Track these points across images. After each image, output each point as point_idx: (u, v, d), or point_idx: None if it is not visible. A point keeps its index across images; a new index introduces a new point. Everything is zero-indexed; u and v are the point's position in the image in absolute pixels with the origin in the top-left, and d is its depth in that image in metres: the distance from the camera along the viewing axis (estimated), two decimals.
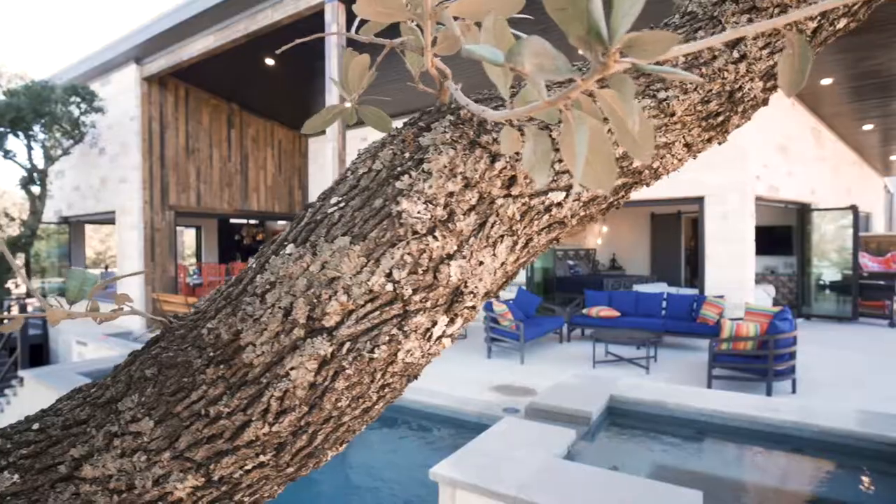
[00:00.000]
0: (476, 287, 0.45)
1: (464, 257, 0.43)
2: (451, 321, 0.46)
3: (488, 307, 7.22)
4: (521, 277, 9.26)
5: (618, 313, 7.81)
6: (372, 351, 0.42)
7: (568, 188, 0.49)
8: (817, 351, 7.07)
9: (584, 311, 8.02)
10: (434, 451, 4.11)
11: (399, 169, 0.44)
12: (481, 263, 0.45)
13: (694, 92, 0.51)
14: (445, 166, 0.43)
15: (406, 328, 0.43)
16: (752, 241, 7.79)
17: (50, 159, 10.26)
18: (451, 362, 6.93)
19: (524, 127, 0.35)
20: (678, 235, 12.90)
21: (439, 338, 0.47)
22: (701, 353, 6.79)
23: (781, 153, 8.82)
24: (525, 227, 0.48)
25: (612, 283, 10.29)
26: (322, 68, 7.09)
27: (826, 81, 8.72)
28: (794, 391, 5.42)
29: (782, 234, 10.65)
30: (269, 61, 9.10)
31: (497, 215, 0.45)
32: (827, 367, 6.25)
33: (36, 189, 10.23)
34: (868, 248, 11.02)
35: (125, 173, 10.06)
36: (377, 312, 0.42)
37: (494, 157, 0.45)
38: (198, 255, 15.66)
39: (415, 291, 0.42)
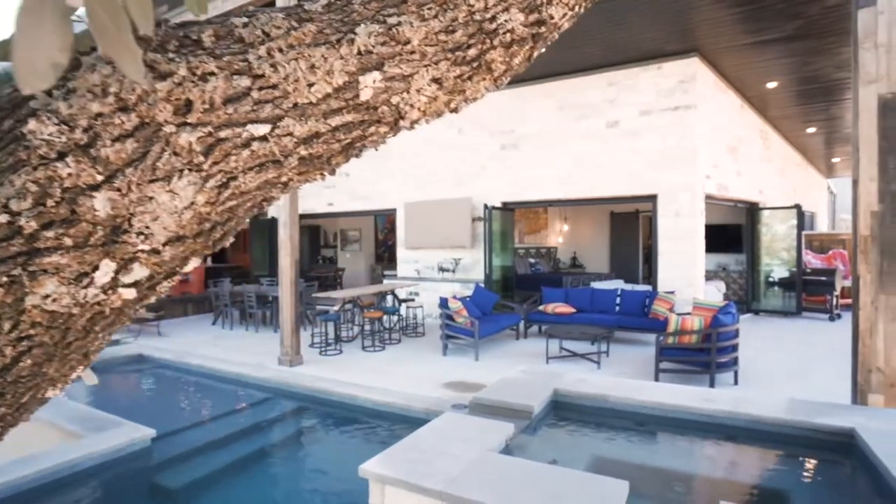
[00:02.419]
0: (149, 228, 0.39)
1: (117, 190, 0.38)
2: (125, 267, 0.40)
3: (443, 304, 7.19)
4: (480, 275, 9.28)
5: (573, 310, 7.90)
6: None
7: (275, 120, 0.44)
8: (762, 345, 7.32)
9: (541, 307, 8.09)
10: (379, 449, 4.05)
11: None
12: (151, 199, 0.39)
13: (434, 20, 0.47)
14: (96, 85, 0.37)
15: (34, 268, 0.37)
16: (702, 238, 8.01)
17: None
18: (405, 360, 6.87)
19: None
20: (636, 234, 13.20)
21: (112, 287, 0.41)
22: (652, 347, 6.92)
23: (731, 153, 9.11)
24: (218, 163, 0.42)
25: (571, 280, 10.43)
26: None
27: (772, 85, 9.05)
28: (735, 383, 5.58)
29: (734, 232, 11.02)
30: None
31: (167, 144, 0.39)
32: (770, 360, 6.48)
33: None
34: (812, 245, 11.50)
35: None
36: None
37: (163, 77, 0.39)
38: None
39: (45, 226, 0.36)
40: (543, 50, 0.60)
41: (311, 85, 0.44)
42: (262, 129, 0.43)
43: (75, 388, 6.25)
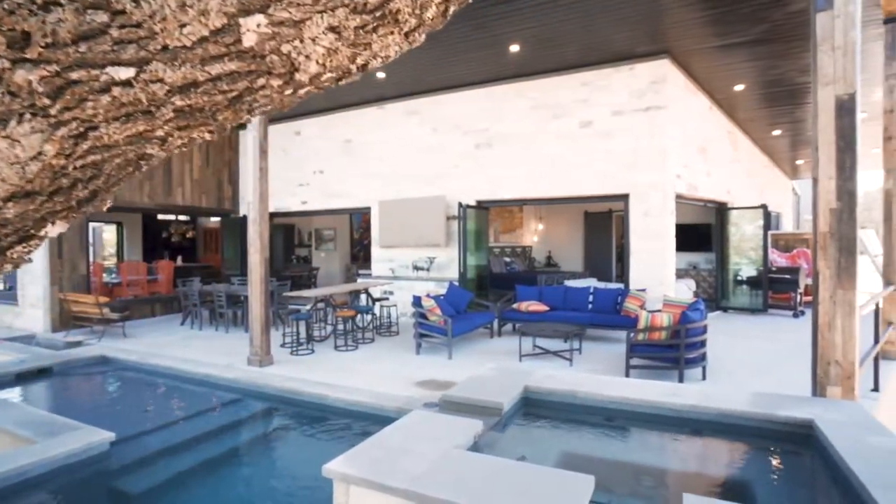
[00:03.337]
0: None
1: None
2: None
3: (416, 302, 7.14)
4: (454, 274, 9.25)
5: (547, 308, 7.94)
6: None
7: (141, 63, 0.39)
8: (729, 341, 7.49)
9: (515, 306, 8.11)
10: (348, 449, 3.99)
11: None
12: None
13: None
14: None
15: None
16: (672, 237, 8.14)
17: None
18: (378, 359, 6.79)
19: None
20: (609, 233, 13.37)
21: None
22: (624, 344, 6.99)
23: (701, 154, 9.29)
24: (71, 109, 0.37)
25: (546, 279, 10.50)
26: None
27: (739, 87, 9.27)
28: (703, 378, 5.68)
29: (704, 231, 11.26)
30: None
31: None
32: (737, 356, 6.61)
33: None
34: (777, 245, 11.84)
35: None
36: None
37: None
38: (119, 252, 14.65)
39: None
40: (463, 5, 0.56)
41: (182, 26, 0.39)
42: (126, 73, 0.38)
43: (32, 392, 5.99)
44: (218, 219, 13.78)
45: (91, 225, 12.61)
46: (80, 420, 4.20)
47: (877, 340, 5.39)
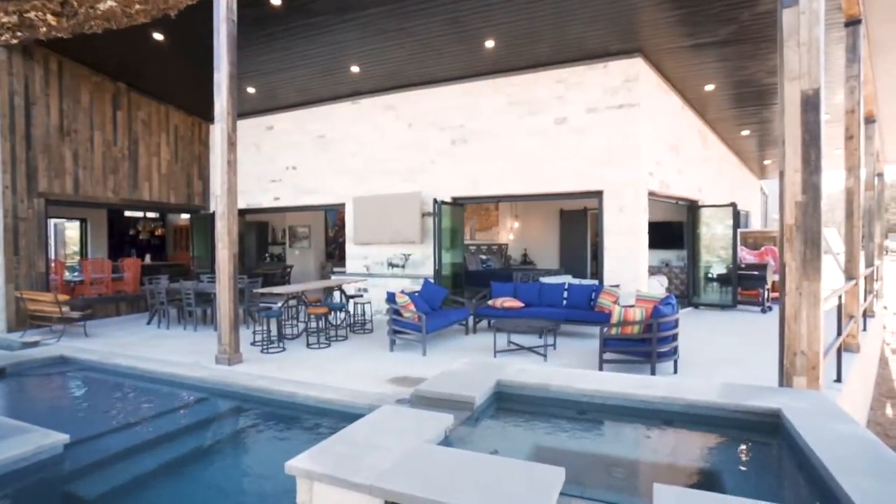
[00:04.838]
0: None
1: None
2: None
3: (390, 299, 7.05)
4: (429, 271, 9.18)
5: (522, 304, 7.93)
6: None
7: None
8: (700, 335, 7.60)
9: (490, 302, 8.08)
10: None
11: None
12: None
13: None
14: None
15: None
16: (645, 233, 8.23)
17: None
18: (351, 357, 6.67)
19: None
20: (584, 231, 13.50)
21: None
22: (598, 339, 7.02)
23: (673, 152, 9.43)
24: None
25: (521, 276, 10.51)
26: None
27: (709, 87, 9.44)
28: (675, 371, 5.74)
29: (676, 229, 11.45)
30: (158, 36, 8.32)
31: None
32: (707, 350, 6.71)
33: None
34: (746, 242, 12.12)
35: None
36: None
37: None
38: (82, 249, 14.12)
39: None
40: None
41: None
42: None
43: None
44: (188, 216, 13.41)
45: (52, 221, 12.14)
46: (35, 422, 3.98)
47: (839, 333, 5.53)
